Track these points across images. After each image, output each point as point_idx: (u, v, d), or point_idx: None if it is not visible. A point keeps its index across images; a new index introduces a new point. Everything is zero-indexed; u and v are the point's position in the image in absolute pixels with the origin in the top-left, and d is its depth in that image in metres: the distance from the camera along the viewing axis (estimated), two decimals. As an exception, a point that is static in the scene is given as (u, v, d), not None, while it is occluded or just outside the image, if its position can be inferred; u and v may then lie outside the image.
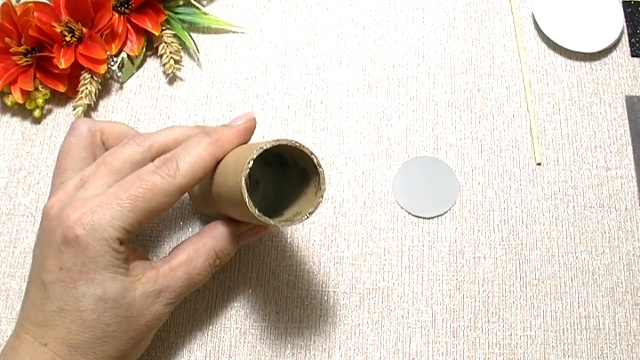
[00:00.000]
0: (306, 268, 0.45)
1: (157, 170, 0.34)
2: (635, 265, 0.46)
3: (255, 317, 0.44)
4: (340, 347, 0.43)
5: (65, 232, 0.33)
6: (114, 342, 0.34)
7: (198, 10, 0.53)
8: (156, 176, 0.34)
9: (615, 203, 0.47)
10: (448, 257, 0.46)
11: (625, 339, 0.44)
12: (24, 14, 0.47)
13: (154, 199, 0.34)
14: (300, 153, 0.33)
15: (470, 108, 0.50)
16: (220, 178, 0.36)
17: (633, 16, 0.54)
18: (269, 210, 0.34)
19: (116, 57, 0.49)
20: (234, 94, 0.51)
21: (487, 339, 0.43)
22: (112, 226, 0.33)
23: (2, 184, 0.48)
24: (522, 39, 0.53)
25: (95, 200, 0.34)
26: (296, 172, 0.36)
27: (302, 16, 0.54)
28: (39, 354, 0.33)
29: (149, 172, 0.34)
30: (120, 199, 0.33)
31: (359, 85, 0.51)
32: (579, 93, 0.51)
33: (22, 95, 0.48)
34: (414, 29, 0.54)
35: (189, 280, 0.37)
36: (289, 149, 0.33)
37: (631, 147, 0.49)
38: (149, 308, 0.35)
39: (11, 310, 0.44)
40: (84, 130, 0.39)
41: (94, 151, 0.39)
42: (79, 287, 0.33)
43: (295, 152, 0.33)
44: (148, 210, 0.34)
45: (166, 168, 0.34)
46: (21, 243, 0.46)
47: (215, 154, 0.36)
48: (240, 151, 0.35)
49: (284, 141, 0.33)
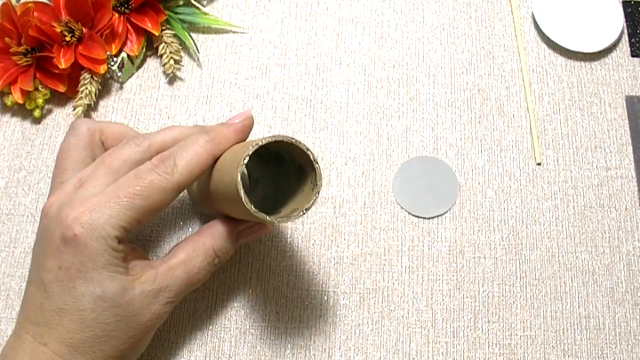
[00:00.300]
0: (306, 268, 0.45)
1: (154, 169, 0.34)
2: (635, 265, 0.46)
3: (255, 317, 0.44)
4: (340, 347, 0.43)
5: (63, 231, 0.33)
6: (113, 341, 0.34)
7: (198, 10, 0.53)
8: (154, 174, 0.34)
9: (615, 203, 0.47)
10: (448, 257, 0.46)
11: (625, 339, 0.44)
12: (24, 14, 0.47)
13: (151, 197, 0.34)
14: (297, 149, 0.33)
15: (470, 108, 0.50)
16: (218, 175, 0.36)
17: (633, 16, 0.54)
18: (267, 209, 0.34)
19: (116, 57, 0.49)
20: (234, 94, 0.51)
21: (487, 339, 0.43)
22: (110, 224, 0.33)
23: (2, 184, 0.48)
24: (522, 39, 0.53)
25: (93, 199, 0.34)
26: (294, 170, 0.36)
27: (302, 16, 0.54)
28: (39, 353, 0.33)
29: (147, 170, 0.34)
30: (118, 197, 0.33)
31: (359, 85, 0.51)
32: (579, 93, 0.51)
33: (22, 95, 0.48)
34: (414, 29, 0.54)
35: (188, 279, 0.37)
36: (285, 145, 0.33)
37: (631, 147, 0.49)
38: (148, 307, 0.35)
39: (11, 310, 0.44)
40: (84, 130, 0.39)
41: (94, 151, 0.39)
42: (77, 286, 0.33)
43: (292, 149, 0.34)
44: (146, 208, 0.34)
45: (164, 166, 0.34)
46: (21, 243, 0.46)
47: (213, 151, 0.36)
48: (237, 148, 0.35)
49: (280, 137, 0.33)
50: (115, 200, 0.33)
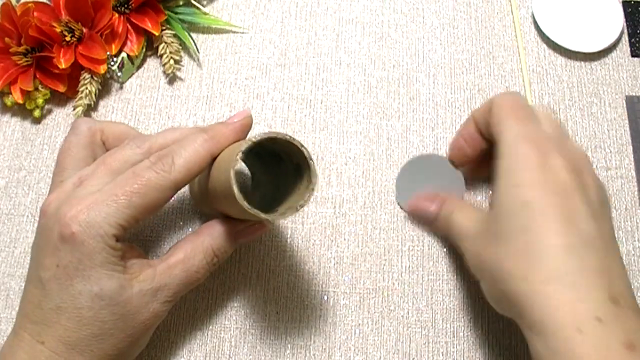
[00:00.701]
0: (306, 268, 0.45)
1: (152, 166, 0.34)
2: (635, 265, 0.45)
3: (255, 317, 0.44)
4: (340, 347, 0.43)
5: (61, 229, 0.33)
6: (111, 339, 0.34)
7: (198, 10, 0.53)
8: (151, 172, 0.34)
9: (615, 203, 0.47)
10: (448, 257, 0.46)
11: (625, 339, 0.43)
12: (24, 14, 0.47)
13: (149, 195, 0.34)
14: (292, 147, 0.33)
15: (470, 108, 0.50)
16: (215, 174, 0.36)
17: (633, 16, 0.54)
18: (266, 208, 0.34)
19: (116, 57, 0.49)
20: (234, 94, 0.51)
21: (487, 339, 0.43)
22: (108, 222, 0.33)
23: (2, 183, 0.48)
24: (522, 39, 0.53)
25: (91, 197, 0.34)
26: (291, 168, 0.36)
27: (302, 16, 0.54)
28: (37, 352, 0.33)
29: (145, 168, 0.34)
30: (116, 195, 0.33)
31: (359, 85, 0.51)
32: (579, 93, 0.51)
33: (22, 95, 0.48)
34: (414, 29, 0.54)
35: (187, 278, 0.37)
36: (281, 143, 0.33)
37: (631, 147, 0.49)
38: (147, 306, 0.35)
39: (11, 310, 0.44)
40: (84, 130, 0.39)
41: (94, 151, 0.39)
42: (75, 284, 0.33)
43: (289, 147, 0.33)
44: (143, 206, 0.34)
45: (161, 163, 0.34)
46: (21, 243, 0.46)
47: (211, 150, 0.36)
48: (235, 147, 0.35)
49: (274, 134, 0.33)
50: (112, 198, 0.33)
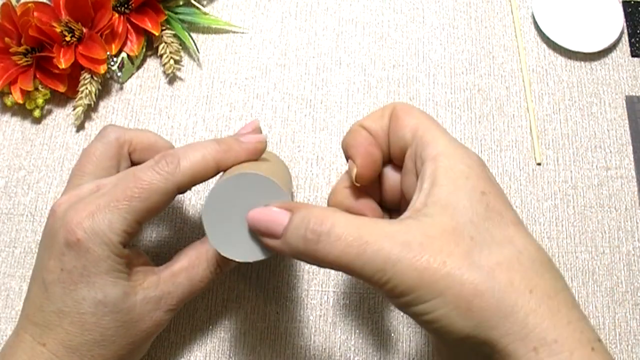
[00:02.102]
0: (306, 268, 0.45)
1: (154, 166, 0.34)
2: (635, 265, 0.46)
3: (255, 317, 0.44)
4: (340, 347, 0.43)
5: (67, 234, 0.33)
6: (112, 346, 0.34)
7: (198, 10, 0.53)
8: (153, 173, 0.34)
9: (615, 203, 0.47)
10: (448, 257, 0.46)
11: (625, 339, 0.44)
12: (24, 14, 0.47)
13: (150, 199, 0.33)
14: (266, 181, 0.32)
15: (470, 108, 0.50)
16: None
17: (633, 16, 0.54)
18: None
19: (116, 57, 0.49)
20: (234, 94, 0.51)
21: (487, 339, 0.43)
22: (113, 231, 0.33)
23: (2, 183, 0.48)
24: (522, 39, 0.53)
25: (95, 202, 0.33)
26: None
27: (302, 16, 0.54)
28: (37, 353, 0.33)
29: (147, 168, 0.34)
30: (117, 200, 0.33)
31: (359, 85, 0.51)
32: (579, 93, 0.51)
33: (22, 95, 0.48)
34: (414, 29, 0.54)
35: (190, 286, 0.37)
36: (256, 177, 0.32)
37: (631, 147, 0.49)
38: (150, 314, 0.35)
39: (11, 310, 0.44)
40: (112, 140, 0.38)
41: (119, 162, 0.38)
42: (79, 289, 0.33)
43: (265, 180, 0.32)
44: (144, 209, 0.34)
45: (165, 163, 0.34)
46: (21, 243, 0.46)
47: (220, 161, 0.35)
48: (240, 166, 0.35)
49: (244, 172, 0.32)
50: (114, 204, 0.33)
